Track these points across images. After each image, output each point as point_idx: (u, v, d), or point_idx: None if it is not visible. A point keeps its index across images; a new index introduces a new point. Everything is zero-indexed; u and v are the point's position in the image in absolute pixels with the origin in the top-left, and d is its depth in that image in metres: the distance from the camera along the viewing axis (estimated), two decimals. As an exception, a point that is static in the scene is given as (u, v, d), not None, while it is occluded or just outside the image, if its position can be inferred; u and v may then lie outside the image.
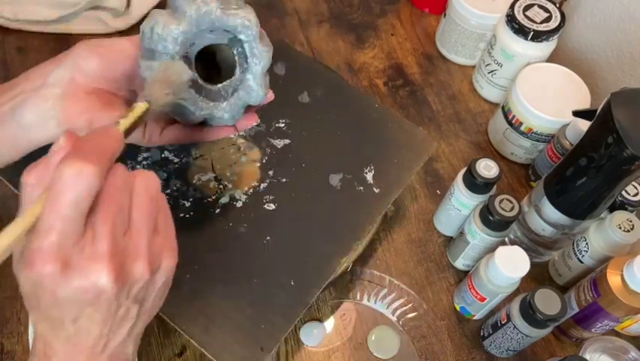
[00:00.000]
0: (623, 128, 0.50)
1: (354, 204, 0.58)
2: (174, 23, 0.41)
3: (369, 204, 0.59)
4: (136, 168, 0.55)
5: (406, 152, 0.62)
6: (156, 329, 0.61)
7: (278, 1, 0.90)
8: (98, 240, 0.33)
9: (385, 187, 0.60)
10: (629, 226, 0.60)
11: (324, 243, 0.55)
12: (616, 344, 0.59)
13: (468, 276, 0.62)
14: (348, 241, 0.56)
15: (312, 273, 0.54)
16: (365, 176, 0.60)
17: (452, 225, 0.68)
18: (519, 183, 0.76)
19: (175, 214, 0.54)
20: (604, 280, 0.56)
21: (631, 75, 0.77)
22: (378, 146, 0.62)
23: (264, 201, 0.57)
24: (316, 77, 0.67)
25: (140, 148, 0.57)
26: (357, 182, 0.60)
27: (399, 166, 0.61)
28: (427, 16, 0.92)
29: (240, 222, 0.56)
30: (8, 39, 0.80)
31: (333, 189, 0.59)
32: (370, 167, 0.61)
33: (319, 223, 0.56)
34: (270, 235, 0.55)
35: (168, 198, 0.55)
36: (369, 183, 0.60)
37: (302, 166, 0.60)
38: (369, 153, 0.62)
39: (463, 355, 0.63)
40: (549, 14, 0.74)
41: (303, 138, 0.62)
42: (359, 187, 0.59)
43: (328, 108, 0.64)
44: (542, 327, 0.55)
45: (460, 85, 0.85)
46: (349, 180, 0.60)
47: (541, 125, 0.71)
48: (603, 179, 0.55)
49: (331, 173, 0.60)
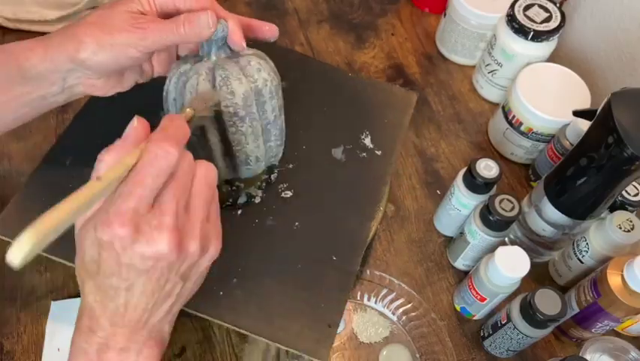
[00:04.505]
0: (623, 128, 0.50)
1: (363, 171, 0.60)
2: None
3: (376, 167, 0.61)
4: None
5: (391, 110, 0.65)
6: (156, 329, 0.61)
7: (278, 1, 0.90)
8: (164, 213, 0.36)
9: (385, 148, 0.62)
10: (629, 226, 0.60)
11: (349, 214, 0.57)
12: (616, 344, 0.59)
13: (468, 276, 0.62)
14: (370, 206, 0.58)
15: (348, 244, 0.56)
16: (364, 142, 0.62)
17: (452, 225, 0.68)
18: (519, 183, 0.76)
19: None
20: (604, 281, 0.56)
21: (631, 75, 0.77)
22: (364, 112, 0.65)
23: (280, 190, 0.58)
24: (284, 62, 0.67)
25: None
26: (359, 150, 0.62)
27: (390, 125, 0.64)
28: (427, 16, 0.92)
29: (265, 216, 0.56)
30: (8, 39, 0.80)
31: (339, 163, 0.61)
32: (365, 133, 0.63)
33: (338, 197, 0.58)
34: (297, 221, 0.56)
35: None
36: (370, 148, 0.62)
37: (303, 148, 0.61)
38: (359, 120, 0.64)
39: (463, 355, 0.63)
40: (549, 14, 0.74)
41: (295, 122, 0.62)
42: (362, 154, 0.61)
43: (307, 88, 0.66)
44: (542, 327, 0.55)
45: (460, 85, 0.85)
46: (351, 150, 0.62)
47: (541, 125, 0.71)
48: (603, 179, 0.55)
49: (332, 148, 0.61)
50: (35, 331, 0.60)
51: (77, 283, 0.58)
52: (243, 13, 0.87)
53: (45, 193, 0.54)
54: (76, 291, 0.62)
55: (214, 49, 0.48)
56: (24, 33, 0.80)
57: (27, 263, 0.32)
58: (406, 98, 0.67)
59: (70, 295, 0.62)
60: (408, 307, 0.64)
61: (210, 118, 0.48)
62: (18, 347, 0.59)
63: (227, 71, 0.48)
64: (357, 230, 0.56)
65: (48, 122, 0.72)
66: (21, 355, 0.59)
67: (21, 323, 0.60)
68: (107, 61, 0.46)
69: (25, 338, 0.59)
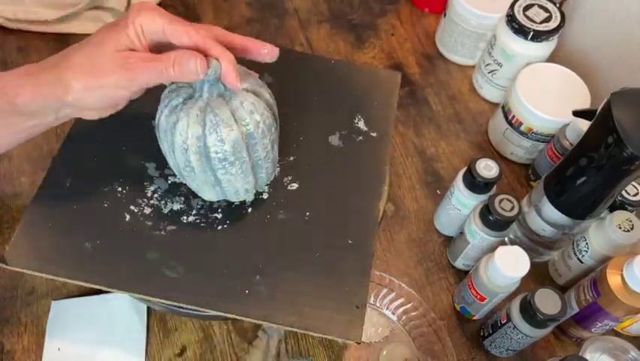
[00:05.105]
0: (623, 128, 0.50)
1: (361, 154, 0.61)
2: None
3: (374, 148, 0.62)
4: (151, 204, 0.55)
5: (379, 92, 0.66)
6: (156, 328, 0.61)
7: (278, 1, 0.90)
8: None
9: (380, 129, 0.63)
10: (629, 226, 0.60)
11: (356, 198, 0.58)
12: (616, 343, 0.59)
13: (468, 276, 0.62)
14: (376, 187, 0.59)
15: (360, 226, 0.56)
16: (358, 126, 0.63)
17: (452, 225, 0.68)
18: (519, 183, 0.77)
19: (213, 230, 0.55)
20: (604, 280, 0.56)
21: (631, 75, 0.77)
22: (353, 96, 0.66)
23: (285, 183, 0.58)
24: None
25: (144, 184, 0.56)
26: (355, 134, 0.62)
27: (380, 107, 0.65)
28: (427, 16, 0.92)
29: (276, 210, 0.57)
30: (8, 39, 0.80)
31: (337, 149, 0.61)
32: (358, 117, 0.64)
33: (343, 183, 0.59)
34: (307, 211, 0.57)
35: (199, 219, 0.55)
36: (365, 131, 0.63)
37: (300, 140, 0.61)
38: (349, 105, 0.65)
39: (463, 355, 0.63)
40: (549, 14, 0.74)
41: (286, 114, 0.62)
42: (358, 138, 0.62)
43: (293, 80, 0.66)
44: (542, 327, 0.55)
45: (460, 85, 0.85)
46: (347, 135, 0.62)
47: (541, 125, 0.71)
48: (603, 179, 0.55)
49: (329, 135, 0.62)
50: (35, 331, 0.60)
51: (77, 283, 0.58)
52: (243, 13, 0.87)
53: (49, 219, 0.54)
54: (77, 291, 0.62)
55: (206, 87, 0.48)
56: (24, 33, 0.81)
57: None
58: (391, 78, 0.68)
59: (71, 295, 0.62)
60: (408, 307, 0.64)
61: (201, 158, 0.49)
62: (18, 347, 0.59)
63: (217, 117, 0.47)
64: (366, 211, 0.57)
65: (48, 122, 0.72)
66: (21, 355, 0.59)
67: (21, 323, 0.60)
68: (97, 101, 0.46)
69: (25, 338, 0.59)
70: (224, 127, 0.47)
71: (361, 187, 0.59)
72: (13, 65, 0.78)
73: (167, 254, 0.52)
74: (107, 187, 0.56)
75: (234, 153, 0.49)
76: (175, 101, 0.49)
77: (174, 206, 0.55)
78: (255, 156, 0.52)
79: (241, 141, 0.49)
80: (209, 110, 0.48)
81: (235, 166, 0.50)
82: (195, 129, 0.47)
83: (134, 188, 0.56)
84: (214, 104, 0.48)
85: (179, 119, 0.48)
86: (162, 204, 0.55)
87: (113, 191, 0.56)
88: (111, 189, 0.56)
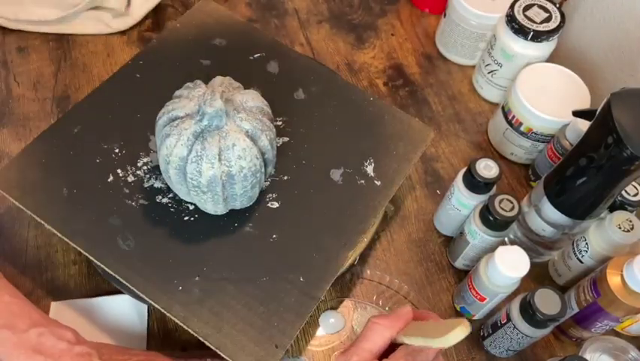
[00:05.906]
0: (623, 128, 0.50)
1: (356, 198, 0.59)
2: None
3: (372, 197, 0.59)
4: (136, 174, 0.56)
5: (403, 143, 0.63)
6: (156, 328, 0.61)
7: (278, 1, 0.90)
8: None
9: (386, 179, 0.60)
10: (629, 226, 0.60)
11: (330, 238, 0.56)
12: (616, 344, 0.59)
13: (468, 276, 0.62)
14: (354, 235, 0.56)
15: (320, 268, 0.54)
16: (365, 169, 0.61)
17: (452, 225, 0.68)
18: (519, 183, 0.77)
19: (180, 218, 0.55)
20: (604, 280, 0.56)
21: (631, 75, 0.77)
22: (375, 139, 0.63)
23: (267, 199, 0.57)
24: (310, 74, 0.67)
25: (139, 153, 0.58)
26: (359, 176, 0.60)
27: (398, 158, 0.62)
28: (427, 16, 0.92)
29: (245, 222, 0.56)
30: (8, 39, 0.80)
31: (335, 184, 0.59)
32: (370, 160, 0.61)
33: (324, 219, 0.57)
34: (275, 233, 0.55)
35: (171, 203, 0.55)
36: (370, 176, 0.60)
37: (302, 163, 0.60)
38: (367, 146, 0.62)
39: (463, 355, 0.63)
40: (549, 14, 0.74)
41: (302, 135, 0.62)
42: (360, 181, 0.60)
43: (324, 104, 0.65)
44: (542, 327, 0.55)
45: (460, 85, 0.85)
46: (350, 174, 0.60)
47: (541, 126, 0.71)
48: (603, 179, 0.55)
49: (332, 168, 0.60)
50: (35, 331, 0.60)
51: (77, 283, 0.59)
52: (243, 14, 0.87)
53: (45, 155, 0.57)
54: (77, 291, 0.62)
55: (207, 117, 0.49)
56: (24, 33, 0.81)
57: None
58: (422, 132, 0.64)
59: (71, 295, 0.62)
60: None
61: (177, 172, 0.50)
62: (18, 347, 0.59)
63: (204, 150, 0.48)
64: (333, 257, 0.55)
65: (48, 121, 0.73)
66: (21, 355, 0.58)
67: (21, 323, 0.60)
68: None
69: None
70: (205, 162, 0.48)
71: (340, 231, 0.56)
72: (13, 65, 0.78)
73: (127, 225, 0.54)
74: (107, 145, 0.58)
75: (208, 186, 0.50)
76: (177, 112, 0.50)
77: (155, 183, 0.56)
78: (230, 192, 0.52)
79: (218, 179, 0.49)
80: (200, 140, 0.48)
81: (207, 195, 0.51)
82: (181, 151, 0.48)
83: (129, 154, 0.58)
84: (208, 134, 0.49)
85: (171, 134, 0.49)
86: (146, 178, 0.57)
87: (110, 150, 0.58)
88: (109, 148, 0.58)
